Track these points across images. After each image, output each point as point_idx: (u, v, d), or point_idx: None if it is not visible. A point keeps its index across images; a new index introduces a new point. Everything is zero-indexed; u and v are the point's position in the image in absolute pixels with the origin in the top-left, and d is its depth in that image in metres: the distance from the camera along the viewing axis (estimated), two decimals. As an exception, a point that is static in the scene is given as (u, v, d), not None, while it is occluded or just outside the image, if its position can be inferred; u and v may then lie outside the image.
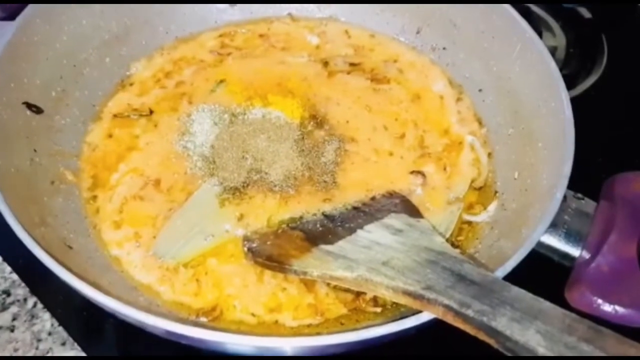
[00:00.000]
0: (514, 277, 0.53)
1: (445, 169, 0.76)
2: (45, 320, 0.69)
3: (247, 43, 0.90)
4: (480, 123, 0.81)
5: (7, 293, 0.71)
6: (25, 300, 0.70)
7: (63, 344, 0.67)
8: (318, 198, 0.70)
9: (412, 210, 0.67)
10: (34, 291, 0.71)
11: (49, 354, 0.66)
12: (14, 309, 0.69)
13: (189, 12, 0.89)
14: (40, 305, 0.70)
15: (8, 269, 0.73)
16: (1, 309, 0.69)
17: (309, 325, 0.62)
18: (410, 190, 0.73)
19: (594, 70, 1.01)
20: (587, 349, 0.41)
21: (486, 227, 0.70)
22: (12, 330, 0.68)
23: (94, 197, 0.71)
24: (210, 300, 0.63)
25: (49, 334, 0.68)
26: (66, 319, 0.69)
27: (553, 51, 1.02)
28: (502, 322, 0.45)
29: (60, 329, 0.68)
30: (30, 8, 0.71)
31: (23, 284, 0.71)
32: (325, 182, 0.71)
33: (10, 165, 0.63)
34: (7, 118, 0.65)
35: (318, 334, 0.60)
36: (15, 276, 0.72)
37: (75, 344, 0.67)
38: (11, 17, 0.70)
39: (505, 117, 0.78)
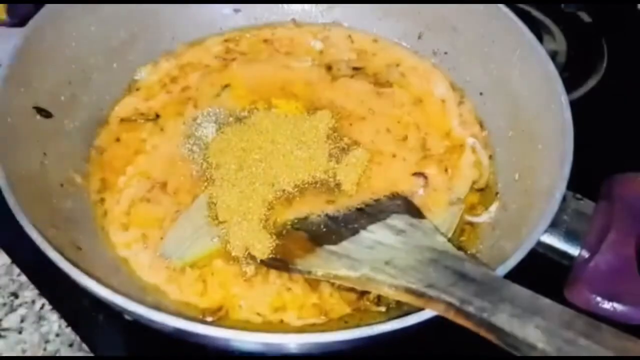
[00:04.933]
0: (514, 276, 0.53)
1: (446, 170, 0.77)
2: (53, 322, 0.69)
3: (252, 48, 0.91)
4: (481, 126, 0.82)
5: (16, 295, 0.71)
6: (33, 302, 0.71)
7: (71, 345, 0.68)
8: (322, 200, 0.71)
9: (415, 211, 0.68)
10: (42, 292, 0.71)
11: (57, 355, 0.67)
12: (22, 311, 0.70)
13: (195, 18, 0.91)
14: (48, 307, 0.70)
15: (17, 270, 0.73)
16: (10, 311, 0.70)
17: (313, 325, 0.63)
18: (413, 192, 0.73)
19: (594, 74, 1.02)
20: (585, 343, 0.42)
21: (487, 227, 0.71)
22: (20, 332, 0.68)
23: (102, 200, 0.72)
24: (217, 300, 0.64)
25: (57, 335, 0.68)
26: (75, 320, 0.69)
27: (554, 55, 1.03)
28: (502, 318, 0.46)
29: (68, 330, 0.69)
30: (40, 14, 0.72)
31: (31, 286, 0.72)
32: (328, 183, 0.72)
33: (21, 168, 0.63)
34: (18, 122, 0.66)
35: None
36: (23, 278, 0.73)
37: (83, 345, 0.67)
38: (21, 23, 0.71)
39: (505, 120, 0.79)
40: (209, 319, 0.62)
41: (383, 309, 0.64)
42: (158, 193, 0.72)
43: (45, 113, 0.71)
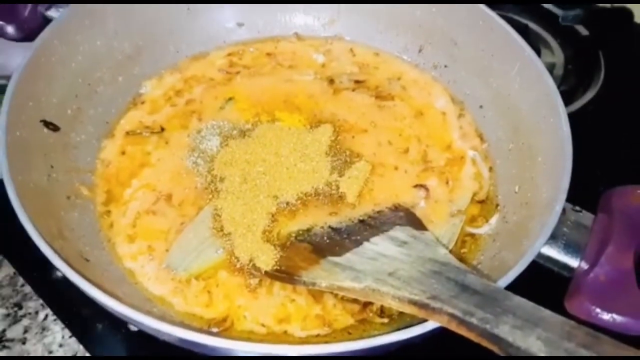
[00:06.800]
0: (515, 287, 0.54)
1: (447, 182, 0.78)
2: (57, 332, 0.70)
3: (255, 61, 0.92)
4: (481, 138, 0.83)
5: (19, 306, 0.72)
6: (36, 313, 0.71)
7: (74, 355, 0.68)
8: (325, 211, 0.71)
9: (416, 223, 0.69)
10: (47, 303, 0.72)
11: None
12: (25, 322, 0.71)
13: (199, 32, 0.92)
14: (51, 318, 0.71)
15: (21, 281, 0.74)
16: (13, 322, 0.71)
17: (317, 336, 0.64)
18: (414, 204, 0.74)
19: (591, 86, 1.03)
20: (586, 354, 0.43)
21: (488, 239, 0.72)
22: (24, 343, 0.69)
23: (108, 212, 0.73)
24: (222, 311, 0.65)
25: (60, 345, 0.69)
26: (78, 330, 0.70)
27: (551, 68, 1.04)
28: (505, 330, 0.46)
29: (71, 340, 0.69)
30: (48, 29, 0.73)
31: (35, 297, 0.73)
32: (331, 195, 0.73)
33: (29, 180, 0.64)
34: (26, 135, 0.67)
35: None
36: (27, 289, 0.73)
37: (87, 355, 0.68)
38: (29, 38, 0.72)
39: (505, 133, 0.80)
40: (215, 329, 0.63)
41: (386, 320, 0.64)
42: (163, 205, 0.73)
43: (52, 126, 0.72)
